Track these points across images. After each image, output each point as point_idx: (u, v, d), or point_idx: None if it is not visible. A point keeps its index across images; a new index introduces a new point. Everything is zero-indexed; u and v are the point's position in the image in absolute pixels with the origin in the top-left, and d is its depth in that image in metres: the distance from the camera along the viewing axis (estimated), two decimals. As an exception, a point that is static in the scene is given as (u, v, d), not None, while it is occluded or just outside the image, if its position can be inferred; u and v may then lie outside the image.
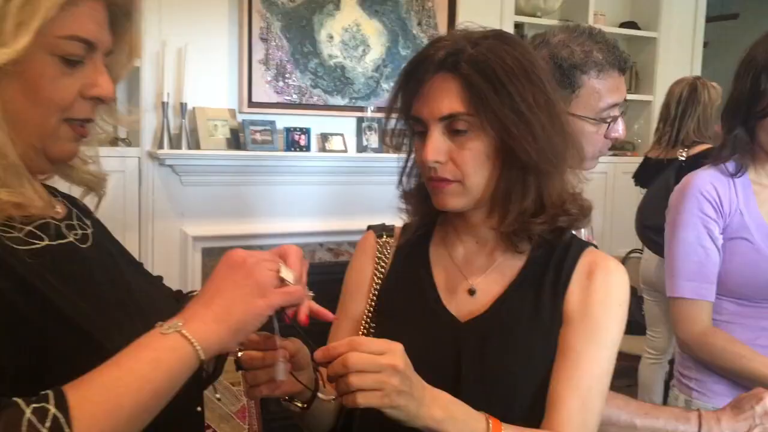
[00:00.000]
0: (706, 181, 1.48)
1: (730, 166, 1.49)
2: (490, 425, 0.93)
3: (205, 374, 0.97)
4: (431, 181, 1.03)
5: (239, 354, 0.93)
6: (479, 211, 1.07)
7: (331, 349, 0.86)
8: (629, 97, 4.80)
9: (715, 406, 1.48)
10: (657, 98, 4.55)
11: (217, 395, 2.27)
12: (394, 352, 0.86)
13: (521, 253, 1.06)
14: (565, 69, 1.28)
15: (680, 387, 1.60)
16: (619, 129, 1.34)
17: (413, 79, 1.02)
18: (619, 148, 4.80)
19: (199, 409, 0.96)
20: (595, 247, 1.10)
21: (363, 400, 0.84)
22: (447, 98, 0.99)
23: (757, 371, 1.42)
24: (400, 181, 1.13)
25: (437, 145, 1.00)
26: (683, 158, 2.80)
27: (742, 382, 1.46)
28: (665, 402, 1.64)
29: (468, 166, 1.00)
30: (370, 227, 1.19)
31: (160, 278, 1.09)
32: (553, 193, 1.02)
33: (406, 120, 1.05)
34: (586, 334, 1.02)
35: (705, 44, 4.67)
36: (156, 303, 0.96)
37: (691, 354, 1.51)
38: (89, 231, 0.93)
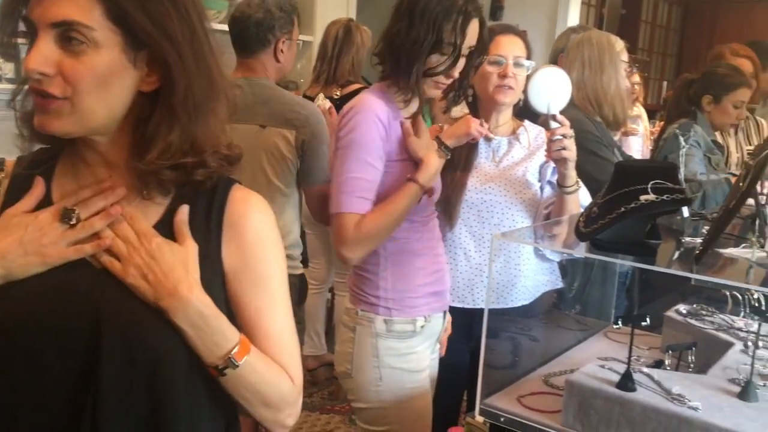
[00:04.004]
0: (378, 105, 1.56)
1: (386, 93, 1.60)
2: (239, 345, 0.94)
3: None
4: (34, 96, 0.88)
5: None
6: (113, 142, 0.94)
7: None
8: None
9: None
10: (317, 38, 4.69)
11: None
12: (158, 243, 0.91)
13: (165, 194, 0.96)
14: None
15: (370, 307, 1.64)
16: None
17: None
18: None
19: None
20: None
21: (105, 259, 0.91)
22: (66, 3, 0.84)
23: (397, 203, 1.54)
24: (13, 99, 0.94)
25: (44, 53, 0.84)
26: (337, 96, 2.92)
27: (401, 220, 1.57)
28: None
29: (81, 83, 0.86)
30: None
31: None
32: (203, 131, 0.93)
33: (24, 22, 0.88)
34: (255, 285, 0.99)
35: (360, -11, 4.92)
36: None
37: (357, 254, 1.56)
38: None
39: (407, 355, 1.63)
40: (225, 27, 3.44)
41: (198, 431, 0.96)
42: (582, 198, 1.89)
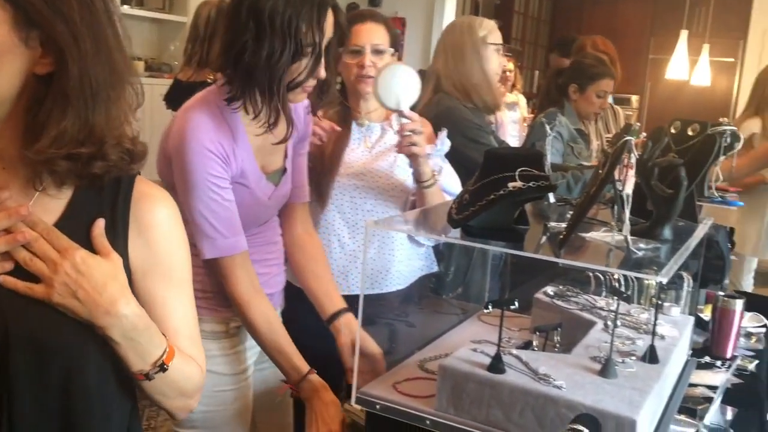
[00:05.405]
0: (207, 130, 1.40)
1: (224, 106, 1.44)
2: (166, 352, 0.96)
3: None
4: None
5: None
6: (3, 128, 0.87)
7: None
8: (163, 17, 4.68)
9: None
10: (190, 19, 4.53)
11: None
12: (83, 257, 0.88)
13: (59, 186, 0.91)
14: None
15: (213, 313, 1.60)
16: None
17: None
18: (156, 69, 4.68)
19: None
20: None
21: (23, 286, 0.86)
22: None
23: (281, 357, 1.51)
24: None
25: None
26: (212, 80, 2.83)
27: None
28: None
29: None
30: None
31: None
32: (102, 120, 0.88)
33: None
34: (164, 281, 0.98)
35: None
36: None
37: (237, 311, 1.52)
38: None
39: (218, 357, 1.56)
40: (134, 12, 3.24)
41: (110, 419, 0.97)
42: (451, 185, 1.92)
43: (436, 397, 1.24)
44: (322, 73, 1.44)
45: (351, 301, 1.77)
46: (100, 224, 0.92)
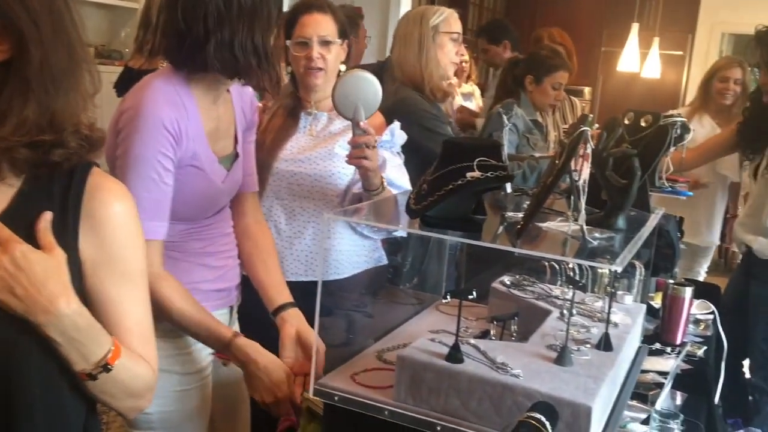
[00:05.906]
0: (166, 111, 1.38)
1: (179, 86, 1.42)
2: (111, 351, 0.93)
3: None
4: None
5: None
6: None
7: None
8: (114, 3, 4.56)
9: None
10: (142, 5, 4.43)
11: None
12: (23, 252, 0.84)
13: (17, 174, 0.89)
14: None
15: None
16: None
17: None
18: (106, 56, 4.57)
19: None
20: None
21: None
22: None
23: (201, 328, 1.45)
24: None
25: None
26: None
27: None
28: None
29: None
30: None
31: None
32: (62, 107, 0.87)
33: None
34: (116, 278, 0.96)
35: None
36: None
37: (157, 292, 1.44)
38: None
39: (174, 356, 1.52)
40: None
41: (60, 418, 0.94)
42: (399, 179, 1.92)
43: (394, 388, 1.24)
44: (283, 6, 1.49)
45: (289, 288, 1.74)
46: (46, 217, 0.89)
